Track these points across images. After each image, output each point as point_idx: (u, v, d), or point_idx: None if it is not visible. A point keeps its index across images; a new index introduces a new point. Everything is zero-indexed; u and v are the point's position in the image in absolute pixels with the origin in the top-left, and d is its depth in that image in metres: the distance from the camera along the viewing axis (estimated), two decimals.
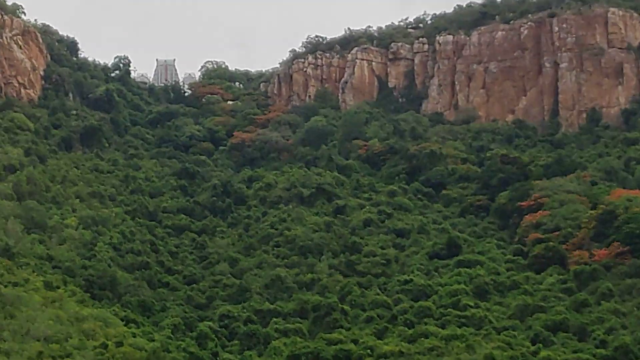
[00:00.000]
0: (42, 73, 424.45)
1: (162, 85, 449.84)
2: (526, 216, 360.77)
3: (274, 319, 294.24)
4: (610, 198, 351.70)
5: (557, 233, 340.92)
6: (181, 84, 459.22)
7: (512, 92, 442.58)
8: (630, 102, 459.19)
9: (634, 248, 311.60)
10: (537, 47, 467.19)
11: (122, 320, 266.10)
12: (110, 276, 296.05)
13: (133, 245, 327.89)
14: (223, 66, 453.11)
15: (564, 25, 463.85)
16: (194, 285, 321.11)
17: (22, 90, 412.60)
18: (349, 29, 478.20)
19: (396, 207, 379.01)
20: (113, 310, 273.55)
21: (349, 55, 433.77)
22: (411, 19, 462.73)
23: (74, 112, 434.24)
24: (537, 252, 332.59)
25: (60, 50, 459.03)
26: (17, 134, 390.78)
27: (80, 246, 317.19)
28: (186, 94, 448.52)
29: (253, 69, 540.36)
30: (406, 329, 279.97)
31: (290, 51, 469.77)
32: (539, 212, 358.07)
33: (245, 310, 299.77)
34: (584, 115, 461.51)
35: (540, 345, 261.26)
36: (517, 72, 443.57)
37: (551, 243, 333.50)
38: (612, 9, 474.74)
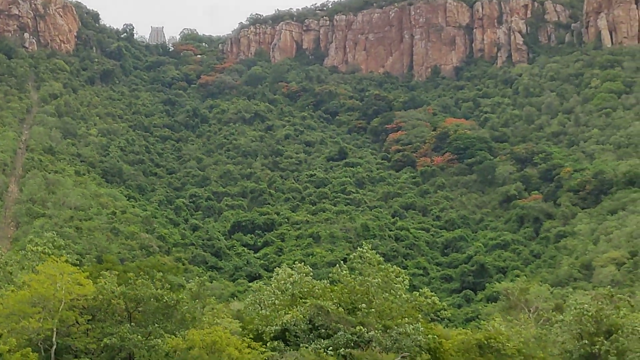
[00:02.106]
0: (75, 34, 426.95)
1: (155, 44, 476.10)
2: (390, 134, 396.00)
3: (225, 198, 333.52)
4: (445, 124, 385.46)
5: (410, 146, 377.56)
6: (167, 43, 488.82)
7: (383, 53, 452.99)
8: (459, 62, 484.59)
9: (460, 156, 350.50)
10: (400, 25, 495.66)
11: (126, 197, 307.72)
12: (118, 168, 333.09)
13: (133, 148, 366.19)
14: (195, 32, 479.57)
15: (418, 10, 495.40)
16: (173, 174, 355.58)
17: (62, 45, 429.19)
18: (277, 9, 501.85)
19: (306, 126, 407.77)
20: (120, 190, 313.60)
21: (277, 27, 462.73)
22: (319, 4, 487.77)
23: (96, 60, 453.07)
24: (397, 158, 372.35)
25: (87, 19, 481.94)
26: (58, 73, 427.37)
27: (99, 148, 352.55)
28: (170, 50, 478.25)
29: (215, 34, 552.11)
30: (311, 206, 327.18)
31: (239, 23, 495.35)
32: (399, 132, 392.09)
33: (206, 192, 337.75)
34: (429, 69, 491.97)
35: (398, 218, 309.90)
36: (387, 41, 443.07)
37: (406, 152, 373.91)
38: (449, 1, 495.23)
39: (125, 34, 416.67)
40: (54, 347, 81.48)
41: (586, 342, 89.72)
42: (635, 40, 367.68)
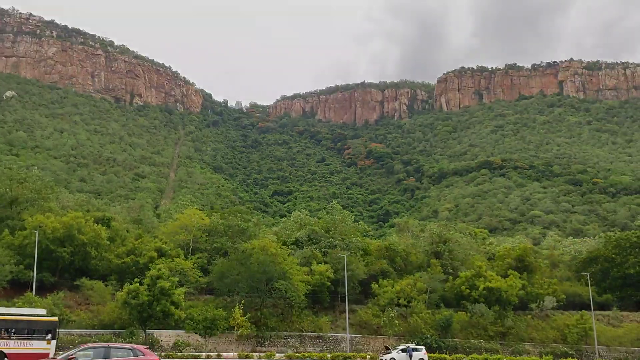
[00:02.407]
0: (200, 103, 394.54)
1: (237, 107, 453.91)
2: (346, 151, 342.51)
3: (270, 179, 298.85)
4: (371, 146, 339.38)
5: (354, 156, 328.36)
6: (243, 107, 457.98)
7: (342, 113, 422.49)
8: (377, 118, 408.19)
9: (377, 160, 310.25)
10: (351, 99, 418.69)
11: (224, 178, 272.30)
12: (221, 165, 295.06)
13: (228, 156, 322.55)
14: (256, 102, 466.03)
15: (356, 94, 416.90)
16: (246, 168, 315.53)
17: (194, 109, 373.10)
18: (293, 92, 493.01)
19: (305, 146, 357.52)
20: (221, 176, 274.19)
21: (294, 100, 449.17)
22: (313, 90, 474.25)
23: (210, 116, 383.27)
24: (349, 161, 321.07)
25: (206, 95, 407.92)
26: (192, 122, 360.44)
27: (211, 155, 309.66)
28: (245, 111, 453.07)
29: (265, 103, 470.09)
30: (308, 183, 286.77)
31: (277, 98, 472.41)
32: (349, 149, 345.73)
33: (260, 176, 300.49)
34: (363, 120, 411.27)
35: (348, 189, 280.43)
36: (344, 106, 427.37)
37: (353, 159, 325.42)
38: (372, 89, 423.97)
39: (224, 103, 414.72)
40: (190, 248, 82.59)
41: (434, 245, 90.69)
42: (457, 107, 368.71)
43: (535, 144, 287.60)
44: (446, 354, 70.09)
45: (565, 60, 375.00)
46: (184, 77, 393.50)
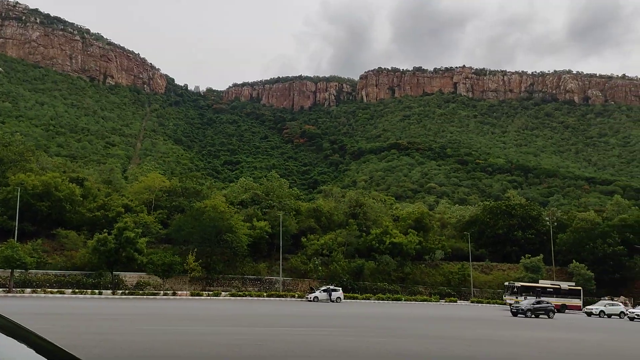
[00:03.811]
0: (164, 86, 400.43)
1: (196, 91, 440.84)
2: (284, 130, 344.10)
3: (221, 150, 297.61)
4: (305, 127, 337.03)
5: (291, 135, 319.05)
6: (200, 92, 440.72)
7: (282, 99, 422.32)
8: (311, 104, 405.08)
9: (309, 139, 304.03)
10: (290, 88, 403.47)
11: (183, 149, 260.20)
12: (180, 138, 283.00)
13: (186, 130, 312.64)
14: (211, 88, 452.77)
15: (294, 84, 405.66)
16: (202, 141, 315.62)
17: (159, 90, 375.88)
18: (243, 81, 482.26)
19: (251, 125, 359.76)
20: (180, 147, 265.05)
21: (243, 88, 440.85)
22: (259, 79, 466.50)
23: (172, 97, 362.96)
24: (286, 139, 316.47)
25: (169, 80, 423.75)
26: (157, 101, 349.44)
27: (172, 129, 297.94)
28: (202, 94, 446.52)
29: (220, 88, 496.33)
30: (253, 155, 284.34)
31: (230, 84, 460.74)
32: (287, 129, 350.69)
33: (213, 148, 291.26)
34: (299, 106, 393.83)
35: (285, 161, 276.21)
36: (284, 94, 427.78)
37: (290, 137, 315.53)
38: (307, 81, 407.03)
39: (184, 87, 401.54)
40: (153, 205, 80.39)
41: (352, 208, 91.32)
42: (375, 99, 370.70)
43: (433, 131, 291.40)
44: (358, 293, 71.47)
45: (459, 67, 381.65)
46: (151, 63, 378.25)
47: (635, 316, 57.13)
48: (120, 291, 58.55)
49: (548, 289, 63.68)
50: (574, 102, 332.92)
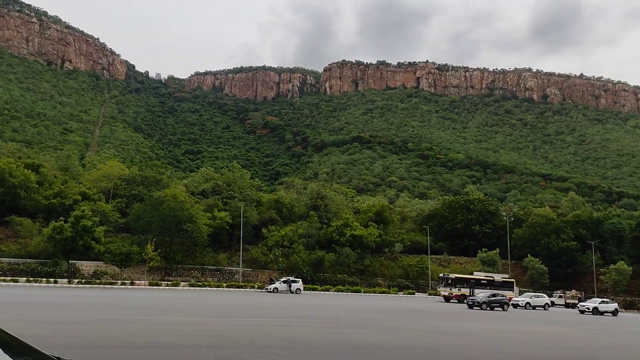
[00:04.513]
0: (125, 72, 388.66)
1: (157, 79, 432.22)
2: (247, 121, 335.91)
3: (182, 140, 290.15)
4: (268, 118, 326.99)
5: (254, 126, 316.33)
6: (162, 79, 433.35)
7: (245, 90, 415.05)
8: (274, 96, 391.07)
9: (272, 130, 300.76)
10: (253, 78, 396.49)
11: (143, 137, 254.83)
12: (140, 126, 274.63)
13: (146, 118, 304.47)
14: (173, 75, 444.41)
15: (258, 74, 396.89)
16: (162, 130, 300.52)
17: (119, 77, 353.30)
18: (206, 70, 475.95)
19: (214, 114, 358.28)
20: (140, 134, 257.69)
21: (206, 76, 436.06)
22: (223, 68, 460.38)
23: (132, 84, 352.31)
24: (249, 130, 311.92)
25: (130, 66, 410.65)
26: (117, 87, 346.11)
27: (133, 117, 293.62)
28: (163, 82, 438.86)
29: (182, 76, 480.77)
30: (215, 145, 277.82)
31: (192, 73, 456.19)
32: (249, 120, 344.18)
33: (174, 137, 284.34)
34: (262, 97, 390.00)
35: (247, 152, 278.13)
36: (247, 84, 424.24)
37: (252, 128, 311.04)
38: (271, 72, 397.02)
39: (145, 74, 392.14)
40: (111, 194, 78.76)
41: (313, 200, 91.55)
42: (338, 92, 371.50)
43: (396, 125, 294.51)
44: (318, 285, 71.97)
45: (422, 62, 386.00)
46: (111, 49, 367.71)
47: (586, 309, 59.69)
48: (77, 280, 57.35)
49: (482, 281, 64.19)
50: (533, 100, 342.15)
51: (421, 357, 15.67)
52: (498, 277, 66.66)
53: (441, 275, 66.77)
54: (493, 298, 52.76)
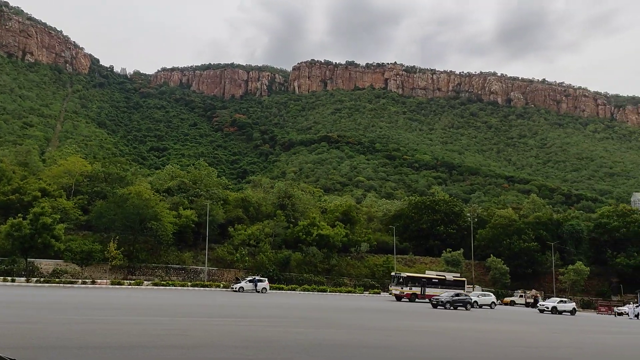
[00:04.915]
0: (88, 66, 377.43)
1: (122, 73, 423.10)
2: (214, 118, 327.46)
3: (147, 137, 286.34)
4: (236, 116, 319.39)
5: (221, 123, 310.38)
6: (127, 74, 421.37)
7: (213, 87, 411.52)
8: (242, 94, 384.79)
9: (239, 128, 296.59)
10: (221, 76, 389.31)
11: (107, 133, 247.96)
12: (104, 121, 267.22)
13: (111, 113, 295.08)
14: (139, 71, 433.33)
15: (226, 72, 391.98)
16: (127, 125, 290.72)
17: (83, 71, 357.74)
18: (173, 65, 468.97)
19: (180, 112, 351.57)
20: (105, 130, 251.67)
21: (173, 72, 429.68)
22: (191, 65, 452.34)
23: (97, 78, 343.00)
24: (216, 127, 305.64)
25: (94, 60, 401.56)
26: (80, 82, 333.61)
27: (97, 112, 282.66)
28: (129, 77, 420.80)
29: (148, 72, 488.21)
30: (181, 142, 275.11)
31: (159, 68, 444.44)
32: (217, 117, 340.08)
33: (139, 132, 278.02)
34: (230, 95, 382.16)
35: (214, 150, 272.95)
36: (215, 82, 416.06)
37: (220, 125, 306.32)
38: (239, 70, 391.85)
39: (110, 68, 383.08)
40: (73, 190, 76.82)
41: (281, 199, 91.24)
42: (307, 91, 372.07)
43: (364, 125, 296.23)
44: (284, 284, 71.76)
45: (391, 63, 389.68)
46: (75, 42, 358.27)
47: (545, 308, 61.25)
48: (35, 279, 55.74)
49: (433, 280, 64.49)
50: (498, 104, 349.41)
51: (385, 356, 15.71)
52: (449, 276, 67.16)
53: (393, 274, 66.66)
54: (457, 298, 53.57)
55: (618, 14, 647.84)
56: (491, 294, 67.21)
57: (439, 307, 51.60)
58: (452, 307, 51.94)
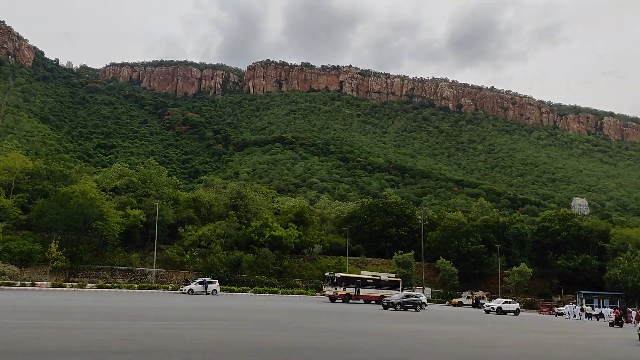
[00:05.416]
0: (32, 59, 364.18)
1: (68, 67, 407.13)
2: (166, 116, 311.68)
3: (94, 133, 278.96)
4: (188, 114, 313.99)
5: (173, 122, 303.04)
6: (74, 68, 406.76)
7: (165, 84, 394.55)
8: (195, 92, 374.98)
9: (191, 127, 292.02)
10: (173, 73, 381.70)
11: (51, 129, 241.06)
12: (48, 117, 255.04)
13: (55, 108, 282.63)
14: (86, 65, 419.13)
15: (179, 69, 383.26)
16: (72, 121, 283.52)
17: (26, 63, 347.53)
18: (122, 61, 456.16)
19: (129, 108, 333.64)
20: (48, 126, 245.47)
21: (122, 67, 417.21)
22: (142, 60, 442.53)
23: (41, 72, 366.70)
24: (167, 125, 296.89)
25: (38, 53, 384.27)
26: (24, 74, 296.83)
27: (39, 107, 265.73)
28: (75, 71, 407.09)
29: (97, 67, 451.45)
30: (130, 139, 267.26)
31: (107, 63, 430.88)
32: (169, 115, 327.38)
33: (86, 128, 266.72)
34: (183, 92, 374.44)
35: (165, 148, 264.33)
36: (167, 79, 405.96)
37: (171, 124, 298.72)
38: (193, 67, 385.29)
39: (55, 61, 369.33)
40: (12, 188, 73.43)
41: (233, 200, 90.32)
42: (261, 91, 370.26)
43: (318, 127, 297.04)
44: (235, 286, 71.03)
45: (346, 66, 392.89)
46: (18, 33, 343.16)
47: (491, 309, 63.06)
48: None
49: (368, 280, 63.77)
50: (449, 109, 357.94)
51: (338, 358, 15.67)
52: (384, 277, 67.17)
53: (326, 274, 65.48)
54: (407, 299, 54.33)
55: (563, 27, 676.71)
56: (422, 294, 66.57)
57: (389, 308, 52.16)
58: (402, 309, 52.58)
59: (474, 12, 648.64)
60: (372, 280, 64.08)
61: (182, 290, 61.21)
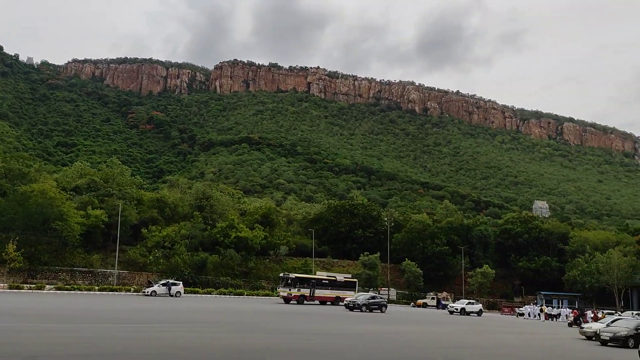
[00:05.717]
0: None
1: (29, 63, 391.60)
2: (129, 115, 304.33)
3: (54, 130, 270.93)
4: (153, 113, 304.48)
5: (137, 120, 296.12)
6: (34, 64, 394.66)
7: (130, 82, 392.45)
8: (160, 90, 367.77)
9: (157, 126, 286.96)
10: (138, 71, 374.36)
11: (10, 127, 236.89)
12: (6, 114, 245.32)
13: (15, 105, 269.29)
14: (47, 61, 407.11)
15: (143, 67, 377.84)
16: (33, 118, 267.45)
17: None
18: (85, 57, 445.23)
19: (92, 106, 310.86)
20: (8, 124, 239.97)
21: (87, 64, 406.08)
22: (107, 57, 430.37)
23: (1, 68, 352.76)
24: (132, 124, 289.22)
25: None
26: None
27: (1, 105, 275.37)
28: (36, 67, 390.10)
29: (60, 63, 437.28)
30: (92, 138, 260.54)
31: (70, 60, 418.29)
32: (132, 114, 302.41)
33: (46, 126, 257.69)
34: (147, 91, 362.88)
35: (129, 148, 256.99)
36: (132, 77, 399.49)
37: (135, 122, 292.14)
38: (157, 65, 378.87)
39: (15, 57, 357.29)
40: None
41: (199, 200, 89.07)
42: (229, 91, 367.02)
43: (285, 128, 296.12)
44: (200, 287, 70.16)
45: (314, 67, 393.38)
46: None
47: (455, 310, 64.02)
48: None
49: (323, 281, 62.44)
50: (415, 112, 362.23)
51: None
52: (340, 277, 66.60)
53: (281, 275, 63.64)
54: (372, 301, 54.63)
55: (527, 33, 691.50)
56: (377, 295, 67.07)
57: (355, 310, 52.31)
58: (367, 310, 52.83)
59: (441, 16, 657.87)
60: (327, 281, 62.87)
61: (144, 292, 60.00)
